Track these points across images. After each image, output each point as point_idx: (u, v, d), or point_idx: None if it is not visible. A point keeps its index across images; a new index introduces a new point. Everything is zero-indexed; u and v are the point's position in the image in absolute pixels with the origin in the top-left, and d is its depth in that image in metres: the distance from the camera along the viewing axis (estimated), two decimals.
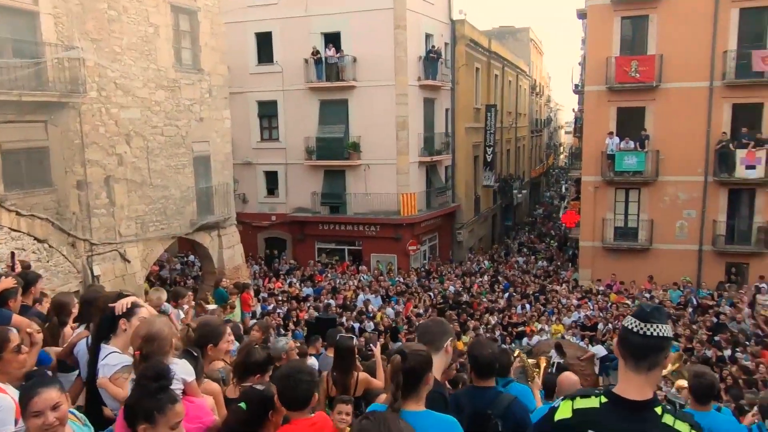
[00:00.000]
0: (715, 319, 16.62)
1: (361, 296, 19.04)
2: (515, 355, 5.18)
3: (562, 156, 65.85)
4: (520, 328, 17.45)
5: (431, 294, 19.95)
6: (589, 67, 21.52)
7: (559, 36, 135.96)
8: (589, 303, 18.88)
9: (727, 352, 13.94)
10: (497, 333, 17.12)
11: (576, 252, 24.03)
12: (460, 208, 26.89)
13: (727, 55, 19.55)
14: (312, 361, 7.37)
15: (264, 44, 24.11)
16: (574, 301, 19.26)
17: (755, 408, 5.07)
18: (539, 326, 17.37)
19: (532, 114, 44.03)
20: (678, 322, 16.35)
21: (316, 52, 22.99)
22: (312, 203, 24.19)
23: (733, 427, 4.24)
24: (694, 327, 15.91)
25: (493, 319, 17.86)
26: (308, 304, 17.80)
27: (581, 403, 2.14)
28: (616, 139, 20.79)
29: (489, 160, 28.94)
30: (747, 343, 14.34)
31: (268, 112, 24.63)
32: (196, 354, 3.30)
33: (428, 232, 25.15)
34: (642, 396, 2.05)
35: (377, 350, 5.76)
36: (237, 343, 4.99)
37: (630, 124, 21.12)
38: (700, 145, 20.13)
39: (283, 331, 14.65)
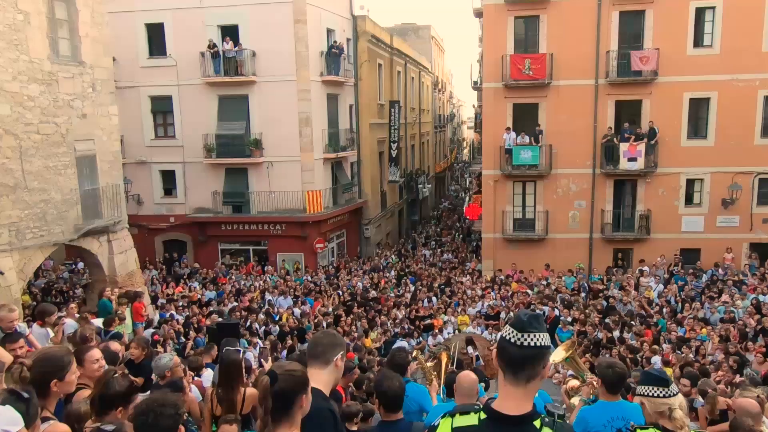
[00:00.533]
0: (605, 303, 17.77)
1: (269, 298, 18.55)
2: (413, 356, 5.14)
3: (465, 151, 68.00)
4: (427, 321, 17.72)
5: (339, 292, 19.82)
6: (486, 65, 22.22)
7: (460, 34, 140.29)
8: (492, 293, 19.56)
9: (616, 333, 14.90)
10: (405, 326, 17.34)
11: (479, 243, 24.81)
12: (366, 204, 26.92)
13: (609, 54, 20.90)
14: (207, 373, 6.97)
15: (155, 36, 22.77)
16: (478, 292, 19.87)
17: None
18: (445, 318, 17.75)
19: (435, 110, 45.00)
20: (572, 307, 17.31)
21: (212, 45, 22.04)
22: (213, 203, 23.21)
23: (640, 411, 4.43)
24: (587, 311, 16.87)
25: (400, 314, 18.03)
26: (211, 309, 17.06)
27: (460, 421, 2.05)
28: (513, 134, 21.63)
29: (394, 155, 29.20)
30: (633, 323, 15.42)
31: (162, 108, 23.30)
32: (26, 395, 2.83)
33: (335, 229, 24.96)
34: (520, 410, 1.98)
35: (267, 365, 5.51)
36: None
37: (525, 119, 22.05)
38: (588, 139, 21.41)
39: (183, 339, 13.93)
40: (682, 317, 15.83)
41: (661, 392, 3.35)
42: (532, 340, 1.95)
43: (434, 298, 19.55)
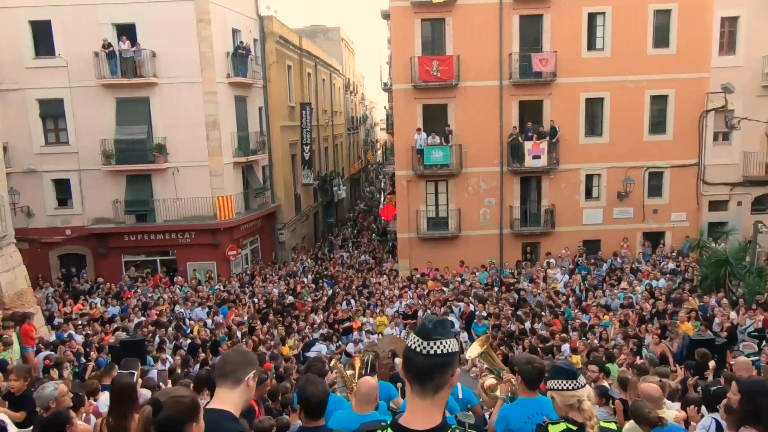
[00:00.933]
0: (516, 295, 18.44)
1: (180, 310, 17.64)
2: (331, 365, 4.99)
3: (379, 152, 68.55)
4: (346, 324, 17.58)
5: (255, 299, 19.22)
6: (395, 67, 22.42)
7: (369, 36, 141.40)
8: (409, 292, 19.73)
9: (528, 324, 15.49)
10: (324, 331, 17.09)
11: (395, 244, 25.00)
12: (280, 208, 26.36)
13: (512, 57, 21.73)
14: (104, 397, 6.41)
15: (42, 34, 21.03)
16: (396, 292, 19.98)
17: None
18: (364, 320, 17.68)
19: (347, 112, 44.96)
20: (486, 301, 17.81)
21: (107, 45, 20.68)
22: (115, 212, 21.78)
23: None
24: (500, 305, 17.41)
25: (318, 318, 17.76)
26: (115, 326, 15.98)
27: None
28: (424, 135, 21.96)
29: (307, 158, 28.81)
30: (543, 314, 16.09)
31: (52, 112, 21.56)
32: None
33: (248, 235, 24.23)
34: (429, 423, 1.86)
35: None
36: None
37: (435, 120, 22.46)
38: (495, 138, 22.15)
39: (83, 360, 12.90)
40: (586, 305, 16.72)
41: (570, 385, 3.41)
42: (438, 347, 1.84)
43: (352, 301, 19.44)
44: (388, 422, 1.95)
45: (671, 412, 5.03)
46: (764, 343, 12.73)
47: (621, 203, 22.52)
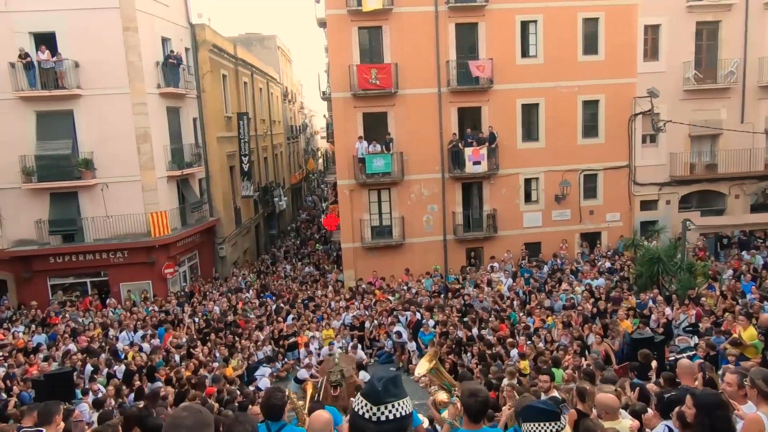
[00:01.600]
0: (463, 302, 18.47)
1: (113, 334, 16.64)
2: (287, 396, 4.67)
3: (320, 161, 67.97)
4: (292, 340, 17.10)
5: (195, 319, 18.40)
6: (333, 75, 22.16)
7: (306, 44, 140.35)
8: (355, 303, 19.44)
9: (475, 331, 15.50)
10: (268, 348, 16.55)
11: (339, 254, 24.66)
12: (219, 221, 25.50)
13: (449, 64, 21.92)
14: None
15: None
16: (342, 303, 19.64)
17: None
18: (310, 334, 17.26)
19: (286, 121, 44.28)
20: (433, 309, 17.75)
21: (24, 55, 19.39)
22: (38, 233, 20.39)
23: None
24: (446, 312, 17.38)
25: (262, 335, 17.19)
26: (42, 355, 14.85)
27: None
28: (365, 143, 21.78)
29: (246, 169, 28.07)
30: (490, 319, 16.15)
31: None
32: None
33: (186, 251, 23.27)
34: None
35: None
36: None
37: (376, 128, 22.34)
38: (436, 145, 22.25)
39: (5, 396, 11.87)
40: (531, 308, 16.92)
41: (552, 427, 3.11)
42: (390, 411, 1.59)
43: (298, 314, 18.94)
44: None
45: (626, 421, 5.00)
46: (697, 337, 13.22)
47: (559, 206, 23.10)
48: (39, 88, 19.58)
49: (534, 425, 3.14)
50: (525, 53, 22.50)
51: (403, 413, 1.61)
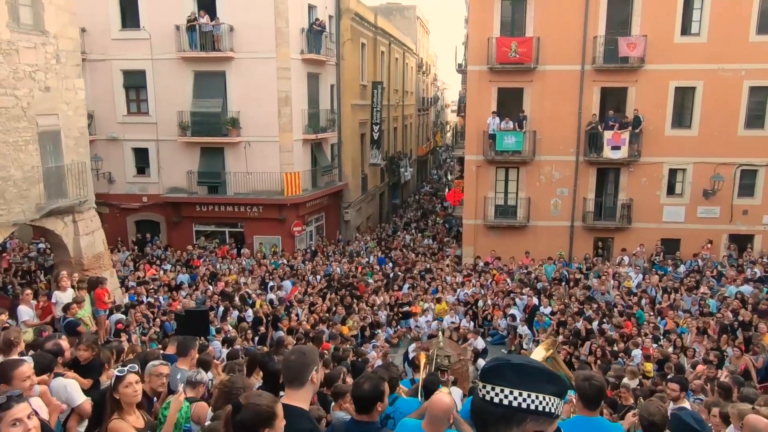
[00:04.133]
0: (585, 292, 17.58)
1: (244, 281, 18.01)
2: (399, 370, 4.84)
3: (448, 134, 67.48)
4: (405, 308, 17.42)
5: (318, 277, 19.37)
6: (472, 47, 21.68)
7: (445, 15, 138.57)
8: (471, 280, 19.29)
9: (595, 324, 14.73)
10: (383, 313, 17.01)
11: (460, 230, 24.50)
12: (347, 186, 26.39)
13: (596, 40, 20.50)
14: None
15: (128, 7, 21.75)
16: (458, 279, 19.58)
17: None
18: (425, 305, 17.45)
19: (419, 92, 44.35)
20: (553, 297, 17.11)
21: (193, 19, 21.08)
22: (188, 183, 22.49)
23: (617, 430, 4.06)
24: (566, 301, 16.68)
25: (378, 300, 17.68)
26: (183, 293, 16.53)
27: None
28: (497, 119, 21.21)
29: (376, 138, 28.63)
30: (613, 315, 15.24)
31: (135, 82, 22.37)
32: None
33: (314, 212, 24.43)
34: None
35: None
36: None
37: (510, 104, 21.64)
38: (573, 126, 21.09)
39: (151, 325, 13.42)
40: (663, 308, 15.70)
41: None
42: (495, 394, 1.52)
43: (414, 284, 19.21)
44: None
45: None
46: None
47: (707, 201, 20.97)
48: (198, 50, 21.27)
49: None
50: (685, 30, 20.38)
51: (512, 403, 1.51)
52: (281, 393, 3.24)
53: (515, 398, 1.51)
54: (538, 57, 20.75)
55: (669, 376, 7.76)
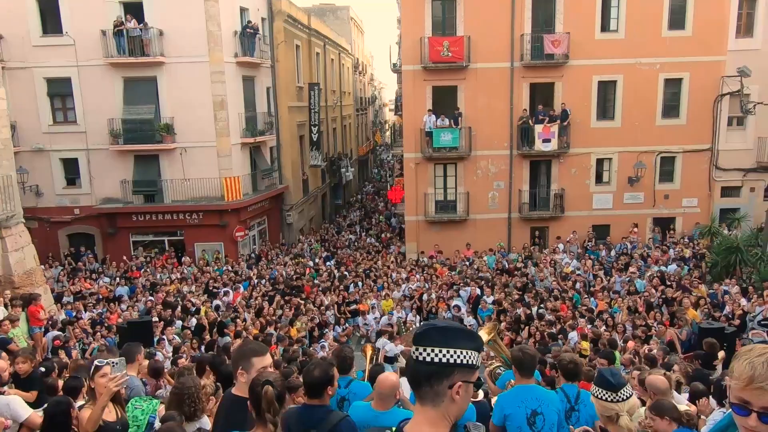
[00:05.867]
0: (524, 280, 18.34)
1: (187, 290, 17.70)
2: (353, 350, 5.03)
3: (387, 133, 68.07)
4: (353, 307, 17.62)
5: (262, 281, 19.26)
6: (405, 47, 22.09)
7: (379, 15, 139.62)
8: (416, 275, 19.70)
9: (535, 310, 15.42)
10: (330, 313, 17.13)
11: (403, 227, 24.91)
12: (288, 189, 26.29)
13: (523, 38, 21.35)
14: None
15: (49, 12, 20.87)
16: (403, 275, 19.95)
17: None
18: (371, 303, 17.70)
19: (356, 93, 44.58)
20: (495, 286, 17.74)
21: (119, 23, 20.44)
22: (123, 192, 21.81)
23: (556, 399, 4.48)
24: (506, 290, 17.34)
25: (326, 300, 17.79)
26: (123, 306, 16.08)
27: None
28: (433, 117, 21.72)
29: (315, 139, 28.64)
30: (550, 299, 15.99)
31: (60, 90, 21.47)
32: None
33: (256, 216, 24.21)
34: None
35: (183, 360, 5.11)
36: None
37: (445, 102, 22.19)
38: (505, 121, 21.88)
39: (91, 339, 13.01)
40: (595, 291, 16.59)
41: (609, 396, 3.32)
42: (427, 354, 1.75)
43: (359, 283, 19.44)
44: (394, 429, 1.88)
45: (681, 406, 4.94)
46: None
47: (632, 188, 22.27)
48: (127, 55, 20.66)
49: (597, 389, 3.36)
50: (605, 27, 21.56)
51: (443, 360, 1.73)
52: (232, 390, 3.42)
53: (444, 355, 1.75)
54: (470, 55, 21.40)
55: (600, 352, 8.31)
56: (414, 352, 1.78)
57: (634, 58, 21.32)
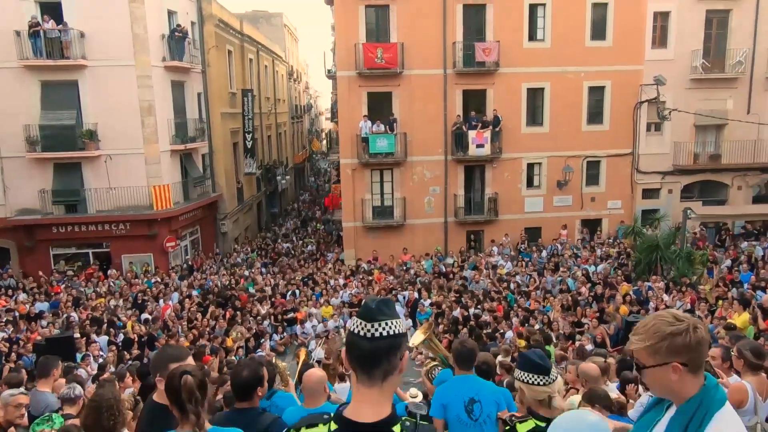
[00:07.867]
0: (460, 283, 18.60)
1: (114, 304, 16.81)
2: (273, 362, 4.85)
3: (324, 141, 67.71)
4: (290, 315, 17.28)
5: (194, 292, 18.57)
6: (339, 54, 22.05)
7: (313, 23, 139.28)
8: (354, 281, 19.58)
9: (472, 311, 15.63)
10: (267, 323, 16.72)
11: (340, 233, 24.76)
12: (222, 197, 25.58)
13: (455, 46, 21.80)
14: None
15: None
16: (341, 282, 19.79)
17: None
18: (308, 310, 17.42)
19: (291, 100, 44.14)
20: (432, 289, 17.89)
21: (35, 24, 19.28)
22: (41, 203, 20.52)
23: (495, 388, 4.50)
24: (444, 293, 17.52)
25: (262, 309, 17.37)
26: (44, 322, 15.07)
27: None
28: (369, 123, 21.75)
29: (249, 146, 28.07)
30: (486, 300, 16.27)
31: None
32: None
33: (188, 225, 23.40)
34: (378, 415, 1.70)
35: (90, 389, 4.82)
36: None
37: (380, 108, 22.28)
38: (440, 127, 22.21)
39: (4, 361, 12.08)
40: (528, 291, 17.03)
41: (541, 380, 3.29)
42: (384, 329, 1.70)
43: (297, 291, 19.11)
44: (332, 414, 1.78)
45: (612, 394, 5.09)
46: None
47: (561, 191, 23.12)
48: (44, 58, 19.53)
49: (524, 374, 3.34)
50: (532, 37, 22.35)
51: (395, 332, 1.71)
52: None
53: (397, 327, 1.74)
54: (404, 62, 21.62)
55: (532, 346, 8.49)
56: (369, 330, 1.71)
57: (560, 67, 22.20)
